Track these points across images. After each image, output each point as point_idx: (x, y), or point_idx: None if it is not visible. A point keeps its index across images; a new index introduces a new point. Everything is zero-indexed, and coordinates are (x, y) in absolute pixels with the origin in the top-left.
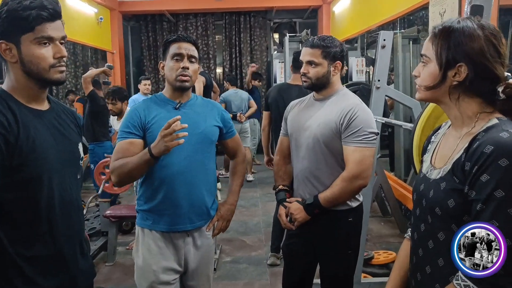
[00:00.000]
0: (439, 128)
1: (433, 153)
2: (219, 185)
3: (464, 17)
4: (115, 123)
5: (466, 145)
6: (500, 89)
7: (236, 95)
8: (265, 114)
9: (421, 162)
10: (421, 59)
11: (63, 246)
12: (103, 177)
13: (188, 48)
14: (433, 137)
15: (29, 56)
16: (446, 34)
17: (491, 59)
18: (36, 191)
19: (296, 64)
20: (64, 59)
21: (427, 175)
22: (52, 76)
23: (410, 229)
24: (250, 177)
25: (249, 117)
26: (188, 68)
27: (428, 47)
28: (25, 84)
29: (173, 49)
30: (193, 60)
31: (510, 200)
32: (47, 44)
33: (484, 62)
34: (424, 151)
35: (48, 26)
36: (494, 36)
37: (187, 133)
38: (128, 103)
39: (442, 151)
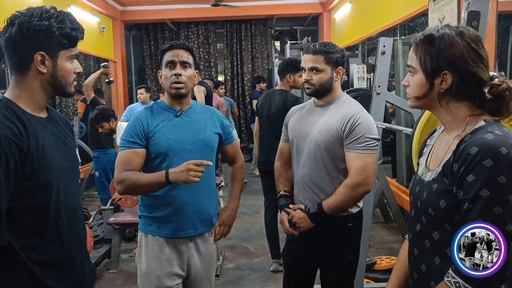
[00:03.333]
0: (434, 131)
1: (428, 156)
2: (220, 192)
3: (443, 25)
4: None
5: (455, 147)
6: (486, 89)
7: None
8: (256, 119)
9: (418, 165)
10: (408, 69)
11: (70, 250)
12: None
13: (181, 55)
14: (428, 140)
15: (63, 70)
16: (427, 44)
17: (473, 64)
18: (45, 198)
19: (279, 75)
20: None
21: (422, 177)
22: (71, 89)
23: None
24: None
25: None
26: (180, 75)
27: (412, 58)
28: (37, 94)
29: (166, 57)
30: (187, 65)
31: (495, 199)
32: (74, 61)
33: (467, 67)
34: (420, 154)
35: (77, 46)
36: (473, 41)
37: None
38: (114, 121)
39: (436, 154)
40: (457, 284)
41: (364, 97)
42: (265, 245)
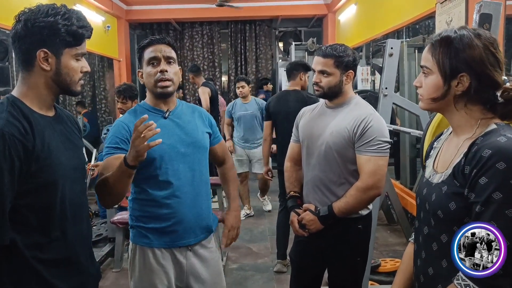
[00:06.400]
0: (441, 134)
1: (435, 158)
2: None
3: (460, 27)
4: None
5: (466, 149)
6: (498, 93)
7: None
8: (266, 124)
9: (424, 167)
10: (422, 70)
11: (75, 249)
12: None
13: (163, 50)
14: (435, 143)
15: (67, 68)
16: (445, 45)
17: (490, 67)
18: (51, 197)
19: (289, 74)
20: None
21: (429, 179)
22: (77, 88)
23: (414, 233)
24: (267, 203)
25: None
26: (166, 71)
27: (427, 58)
28: (43, 92)
29: (147, 53)
30: (171, 61)
31: (508, 202)
32: (80, 59)
33: (485, 70)
34: (427, 156)
35: (84, 44)
36: (491, 44)
37: (160, 140)
38: (136, 102)
39: (444, 156)
40: (468, 287)
41: (370, 99)
42: (268, 245)
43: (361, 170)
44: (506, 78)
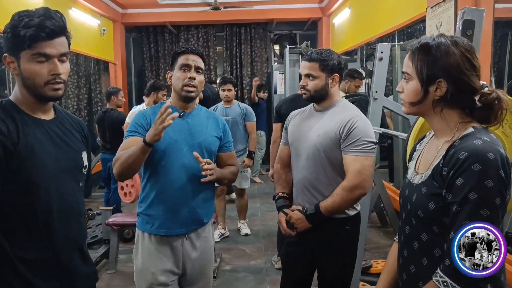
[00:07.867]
0: (424, 137)
1: (417, 160)
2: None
3: (438, 34)
4: None
5: (444, 152)
6: (476, 98)
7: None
8: (276, 126)
9: (407, 168)
10: (403, 75)
11: (61, 250)
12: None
13: (196, 60)
14: (418, 145)
15: (26, 71)
16: (423, 52)
17: (467, 73)
18: (33, 197)
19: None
20: (62, 76)
21: (411, 180)
22: (46, 92)
23: (398, 232)
24: (245, 227)
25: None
26: (194, 79)
27: (408, 65)
28: (26, 96)
29: (181, 60)
30: (200, 71)
31: (482, 202)
32: (44, 61)
33: (461, 76)
34: (410, 158)
35: (44, 44)
36: (468, 51)
37: (177, 113)
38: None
39: (425, 158)
40: (445, 283)
41: (361, 102)
42: (261, 247)
43: (347, 170)
44: (484, 83)
